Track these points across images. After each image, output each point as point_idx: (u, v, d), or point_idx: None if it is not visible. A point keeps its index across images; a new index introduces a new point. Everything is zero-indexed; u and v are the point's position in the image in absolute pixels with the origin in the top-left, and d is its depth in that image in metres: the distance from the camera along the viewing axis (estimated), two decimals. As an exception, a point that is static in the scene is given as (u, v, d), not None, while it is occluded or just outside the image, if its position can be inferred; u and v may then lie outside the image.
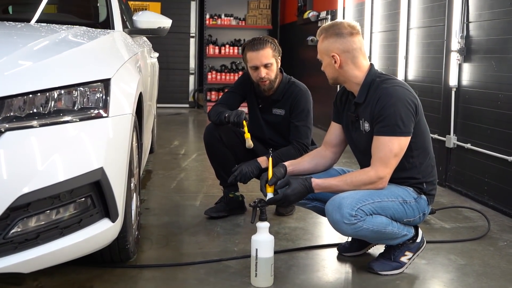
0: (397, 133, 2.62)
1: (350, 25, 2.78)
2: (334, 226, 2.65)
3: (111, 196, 2.32)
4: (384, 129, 2.64)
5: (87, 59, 2.53)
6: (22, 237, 2.12)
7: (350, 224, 2.58)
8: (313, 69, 8.42)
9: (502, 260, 3.05)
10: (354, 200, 2.60)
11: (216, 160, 3.63)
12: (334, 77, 2.82)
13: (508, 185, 3.88)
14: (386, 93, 2.66)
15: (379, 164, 2.64)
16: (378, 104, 2.66)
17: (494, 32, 4.02)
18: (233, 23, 10.27)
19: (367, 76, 2.77)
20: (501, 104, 3.93)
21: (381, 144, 2.64)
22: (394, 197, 2.69)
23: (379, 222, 2.65)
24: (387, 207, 2.66)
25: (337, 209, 2.59)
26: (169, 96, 10.08)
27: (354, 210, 2.58)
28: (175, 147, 6.43)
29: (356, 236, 2.75)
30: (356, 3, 6.76)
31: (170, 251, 3.06)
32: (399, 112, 2.62)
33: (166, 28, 3.72)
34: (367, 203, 2.61)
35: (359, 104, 2.78)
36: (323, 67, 2.83)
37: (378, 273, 2.79)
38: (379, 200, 2.65)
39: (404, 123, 2.63)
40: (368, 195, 2.64)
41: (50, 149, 2.16)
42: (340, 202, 2.59)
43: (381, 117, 2.64)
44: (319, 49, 2.82)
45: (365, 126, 2.76)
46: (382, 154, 2.64)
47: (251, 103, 3.72)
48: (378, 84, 2.72)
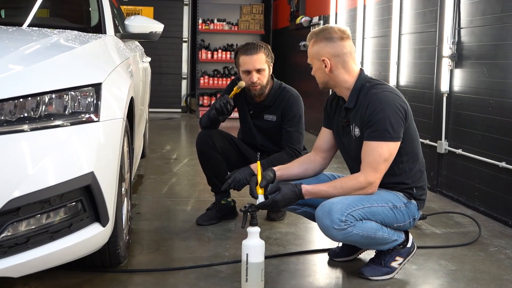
0: (387, 138, 2.63)
1: (340, 30, 2.79)
2: (324, 231, 2.64)
3: (102, 200, 2.31)
4: (373, 134, 2.64)
5: (78, 63, 2.53)
6: (12, 241, 2.11)
7: (340, 230, 2.58)
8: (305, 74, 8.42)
9: (493, 265, 3.05)
10: (344, 205, 2.60)
11: (209, 166, 3.62)
12: (324, 82, 2.83)
13: (499, 191, 3.90)
14: (375, 99, 2.67)
15: (369, 169, 2.65)
16: (368, 109, 2.67)
17: (486, 38, 4.04)
18: (226, 28, 10.28)
19: (357, 81, 2.77)
20: (492, 110, 3.95)
21: (370, 149, 2.65)
22: (384, 202, 2.70)
23: (369, 227, 2.65)
24: (377, 213, 2.67)
25: (327, 214, 2.59)
26: (161, 100, 10.07)
27: (344, 215, 2.58)
28: (167, 151, 6.42)
29: (346, 242, 2.76)
30: (349, 8, 6.78)
31: (161, 256, 3.05)
32: (389, 117, 2.63)
33: (158, 32, 3.72)
34: (357, 208, 2.61)
35: (350, 109, 2.78)
36: (314, 71, 2.84)
37: (369, 279, 2.79)
38: (369, 206, 2.65)
39: (393, 128, 2.63)
40: (358, 200, 2.64)
41: (40, 153, 2.15)
42: (330, 207, 2.59)
43: (370, 122, 2.65)
44: (309, 53, 2.83)
45: (355, 131, 2.77)
46: (371, 159, 2.64)
47: (242, 109, 3.71)
48: (368, 89, 2.73)
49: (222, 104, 3.39)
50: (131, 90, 2.87)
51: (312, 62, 2.83)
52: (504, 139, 3.83)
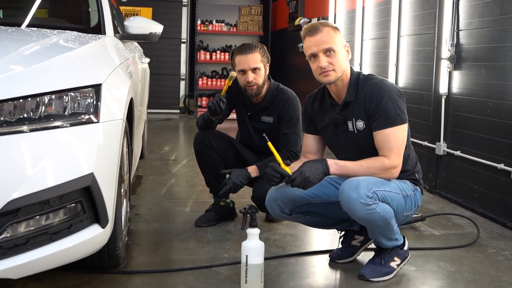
0: (399, 122, 2.68)
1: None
2: (349, 204, 2.60)
3: (101, 201, 2.31)
4: (387, 122, 2.68)
5: (78, 64, 2.53)
6: (11, 243, 2.11)
7: (365, 205, 2.58)
8: (304, 75, 8.44)
9: (491, 267, 3.06)
10: (370, 183, 2.61)
11: (207, 167, 3.61)
12: (343, 70, 2.76)
13: (497, 192, 3.90)
14: (378, 87, 2.71)
15: (391, 154, 2.68)
16: (374, 100, 2.70)
17: (484, 40, 4.05)
18: (225, 29, 10.28)
19: (352, 74, 2.81)
20: (490, 111, 3.95)
21: (387, 136, 2.68)
22: (399, 190, 2.73)
23: (388, 210, 2.66)
24: (393, 198, 2.69)
25: (355, 188, 2.58)
26: (159, 101, 10.07)
27: (371, 192, 2.59)
28: (166, 152, 6.41)
29: (364, 220, 2.67)
30: (347, 10, 6.79)
31: (160, 257, 3.05)
32: (396, 102, 2.69)
33: (158, 33, 3.72)
34: (381, 189, 2.64)
35: (348, 103, 2.78)
36: (337, 58, 2.73)
37: (370, 280, 2.79)
38: (389, 190, 2.68)
39: (402, 111, 2.70)
40: (381, 183, 2.66)
41: (40, 154, 2.15)
42: (358, 182, 2.59)
43: (381, 111, 2.68)
44: (334, 39, 2.72)
45: (357, 125, 2.77)
46: (392, 145, 2.67)
47: (240, 111, 3.71)
48: (364, 81, 2.77)
49: (215, 102, 3.39)
50: (130, 91, 2.87)
51: (338, 48, 2.74)
52: (502, 141, 3.84)
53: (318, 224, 3.03)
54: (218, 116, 3.48)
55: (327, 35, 2.72)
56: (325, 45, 2.72)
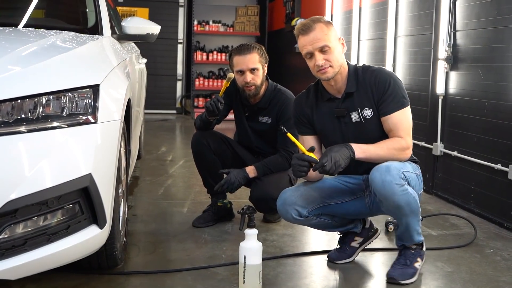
0: (405, 104, 2.76)
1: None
2: (385, 188, 2.59)
3: (99, 202, 2.31)
4: (397, 105, 2.73)
5: (76, 64, 2.52)
6: (9, 244, 2.10)
7: (400, 185, 2.60)
8: (301, 75, 8.45)
9: (489, 267, 3.06)
10: (397, 166, 2.64)
11: (204, 168, 3.61)
12: (340, 65, 2.76)
13: (494, 193, 3.91)
14: (382, 75, 2.77)
15: (405, 135, 2.73)
16: (381, 86, 2.74)
17: (481, 41, 4.06)
18: (221, 29, 10.28)
19: (349, 66, 2.84)
20: (487, 112, 3.96)
21: (398, 119, 2.73)
22: (413, 170, 2.76)
23: (414, 192, 2.69)
24: (413, 178, 2.74)
25: (387, 171, 2.60)
26: (156, 102, 10.06)
27: (401, 173, 2.63)
28: (162, 153, 6.41)
29: (400, 203, 2.64)
30: (344, 11, 6.79)
31: (158, 258, 3.04)
32: (400, 86, 2.76)
33: (155, 34, 3.71)
34: (406, 170, 2.68)
35: (350, 94, 2.79)
36: (334, 55, 2.73)
37: (400, 283, 2.78)
38: (410, 171, 2.72)
39: (406, 94, 2.78)
40: (403, 165, 2.69)
41: (38, 155, 2.15)
42: (387, 166, 2.62)
43: (391, 96, 2.73)
44: (328, 35, 2.71)
45: (364, 113, 2.78)
46: (403, 127, 2.73)
47: (238, 111, 3.71)
48: (364, 71, 2.81)
49: (213, 103, 3.38)
50: (128, 92, 2.87)
51: (333, 44, 2.72)
52: (499, 141, 3.84)
53: (326, 226, 3.01)
54: (216, 116, 3.48)
55: (320, 32, 2.70)
56: (319, 43, 2.70)
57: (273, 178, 3.47)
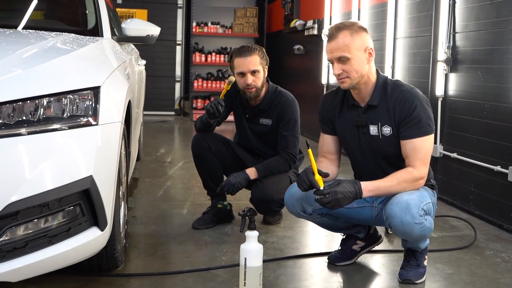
0: (429, 132, 2.68)
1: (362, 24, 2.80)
2: (404, 228, 2.61)
3: (100, 204, 2.31)
4: (418, 131, 2.66)
5: (77, 66, 2.52)
6: (10, 246, 2.10)
7: (419, 224, 2.60)
8: (299, 77, 8.46)
9: (489, 269, 3.07)
10: (417, 200, 2.62)
11: (204, 169, 3.61)
12: (362, 75, 2.70)
13: (494, 195, 3.92)
14: (410, 96, 2.68)
15: (420, 164, 2.67)
16: (405, 108, 2.67)
17: (481, 43, 4.06)
18: (220, 31, 10.28)
19: (379, 77, 2.76)
20: (487, 114, 3.97)
21: (417, 146, 2.67)
22: (430, 198, 2.74)
23: (430, 221, 2.70)
24: (431, 208, 2.72)
25: (406, 210, 2.58)
26: (154, 103, 10.04)
27: (420, 210, 2.61)
28: (161, 154, 6.41)
29: (417, 238, 2.70)
30: (343, 12, 6.79)
31: (158, 260, 3.04)
32: (427, 113, 2.68)
33: (155, 36, 3.71)
34: (425, 202, 2.66)
35: (372, 106, 2.74)
36: (351, 65, 2.67)
37: (415, 283, 2.80)
38: (428, 201, 2.69)
39: (432, 122, 2.70)
40: (422, 195, 2.67)
41: (39, 156, 2.14)
42: (407, 203, 2.59)
43: (414, 120, 2.66)
44: (349, 44, 2.66)
45: (384, 130, 2.73)
46: (421, 155, 2.66)
47: (238, 113, 3.70)
48: (394, 87, 2.73)
49: (213, 105, 3.38)
50: (128, 94, 2.87)
51: (353, 54, 2.66)
52: (499, 143, 3.85)
53: (329, 226, 3.02)
54: (216, 119, 3.48)
55: (341, 41, 2.66)
56: (338, 53, 2.67)
57: (273, 180, 3.47)
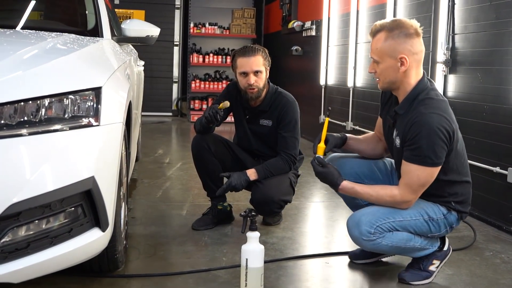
0: (428, 164, 2.56)
1: (414, 24, 2.62)
2: (353, 241, 2.74)
3: (102, 205, 2.30)
4: (415, 158, 2.57)
5: (78, 67, 2.52)
6: (12, 247, 2.09)
7: (368, 241, 2.64)
8: (297, 78, 8.46)
9: (489, 270, 3.07)
10: (374, 217, 2.63)
11: (204, 170, 3.60)
12: (391, 82, 2.66)
13: (493, 196, 3.92)
14: (420, 121, 2.55)
15: (407, 189, 2.62)
16: (412, 131, 2.57)
17: (480, 44, 4.07)
18: (217, 32, 10.27)
19: (416, 87, 2.64)
20: (486, 115, 3.97)
21: (410, 170, 2.60)
22: (419, 215, 2.68)
23: (399, 238, 2.67)
24: (408, 225, 2.68)
25: (356, 226, 2.65)
26: (152, 104, 10.02)
27: (373, 228, 2.63)
28: (160, 155, 6.40)
29: (375, 251, 2.80)
30: (341, 13, 6.80)
31: (158, 261, 3.04)
32: (432, 144, 2.53)
33: (155, 36, 3.71)
34: (387, 221, 2.64)
35: (398, 114, 2.71)
36: (380, 69, 2.65)
37: (410, 284, 2.80)
38: (401, 219, 2.67)
39: (436, 155, 2.55)
40: (390, 213, 2.66)
41: (41, 157, 2.14)
42: (360, 219, 2.64)
43: (413, 145, 2.57)
44: (379, 49, 2.62)
45: (396, 140, 2.72)
46: (410, 180, 2.60)
47: (238, 114, 3.70)
48: (419, 103, 2.60)
49: (212, 114, 3.38)
50: (129, 94, 2.86)
51: (382, 59, 2.62)
52: (498, 144, 3.86)
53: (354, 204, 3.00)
54: (215, 124, 3.48)
55: (375, 43, 2.66)
56: (371, 54, 2.69)
57: (274, 181, 3.47)
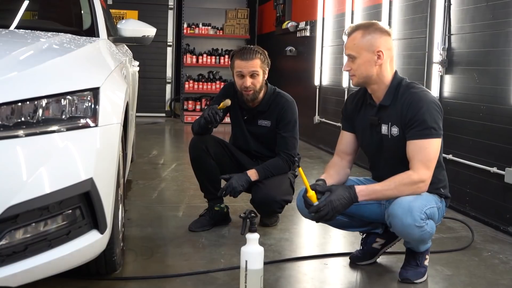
0: (434, 135, 2.66)
1: (385, 26, 2.80)
2: (404, 229, 2.63)
3: (100, 207, 2.27)
4: (421, 133, 2.65)
5: (75, 67, 2.48)
6: (9, 250, 2.05)
7: (419, 227, 2.61)
8: (291, 79, 8.44)
9: (488, 270, 3.07)
10: (420, 203, 2.63)
11: (202, 172, 3.57)
12: (367, 76, 2.76)
13: (490, 196, 3.92)
14: (418, 98, 2.68)
15: (421, 167, 2.65)
16: (411, 110, 2.67)
17: (476, 44, 4.07)
18: (211, 32, 10.25)
19: (394, 79, 2.79)
20: (483, 115, 3.97)
21: (419, 147, 2.66)
22: (434, 203, 2.73)
23: (432, 226, 2.71)
24: (435, 212, 2.72)
25: (408, 212, 2.59)
26: (145, 105, 9.97)
27: (422, 213, 2.61)
28: (154, 156, 6.36)
29: (417, 241, 2.74)
30: (336, 14, 6.79)
31: (155, 263, 3.01)
32: (433, 116, 2.66)
33: (151, 36, 3.69)
34: (428, 207, 2.66)
35: (384, 107, 2.78)
36: (357, 64, 2.74)
37: (414, 283, 2.80)
38: (432, 206, 2.70)
39: (438, 125, 2.68)
40: (426, 199, 2.67)
41: (39, 159, 2.10)
42: (410, 205, 2.60)
43: (417, 122, 2.66)
44: (357, 44, 2.72)
45: (392, 130, 2.76)
46: (422, 157, 2.65)
47: (235, 115, 3.67)
48: (406, 88, 2.75)
49: (211, 114, 3.36)
50: (126, 95, 2.83)
51: (359, 54, 2.72)
52: (495, 145, 3.85)
53: (344, 225, 3.03)
54: (214, 125, 3.46)
55: (351, 41, 2.75)
56: (347, 51, 2.77)
57: (274, 181, 3.45)
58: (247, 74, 3.43)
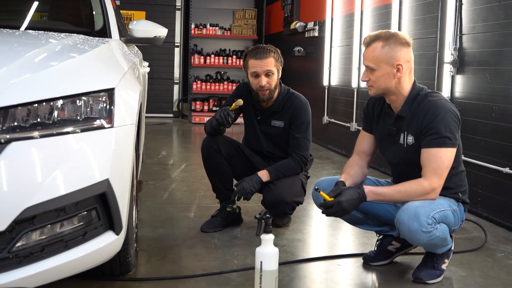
0: (448, 144, 2.65)
1: (406, 36, 2.76)
2: (410, 235, 2.64)
3: (116, 208, 2.26)
4: (435, 141, 2.65)
5: (90, 68, 2.48)
6: (27, 251, 2.05)
7: (427, 233, 2.61)
8: (299, 79, 8.43)
9: (502, 271, 3.05)
10: (428, 208, 2.62)
11: (214, 173, 3.56)
12: (386, 88, 2.75)
13: (502, 196, 3.90)
14: (434, 106, 2.68)
15: (433, 175, 2.65)
16: (427, 117, 2.67)
17: (488, 44, 4.05)
18: (219, 33, 10.25)
19: (413, 90, 2.77)
20: (495, 115, 3.95)
21: (432, 155, 2.65)
22: (448, 206, 2.73)
23: (444, 230, 2.69)
24: (447, 216, 2.71)
25: (414, 218, 2.59)
26: (153, 105, 9.96)
27: (429, 218, 2.60)
28: (163, 157, 6.37)
29: (426, 246, 2.75)
30: (345, 14, 6.78)
31: (169, 264, 3.00)
32: (449, 125, 2.65)
33: (162, 37, 3.68)
34: (437, 211, 2.65)
35: (402, 117, 2.78)
36: (376, 75, 2.73)
37: (426, 283, 2.80)
38: (444, 209, 2.69)
39: (453, 135, 2.66)
40: (435, 204, 2.66)
41: (55, 160, 2.09)
42: (416, 211, 2.59)
43: (432, 130, 2.65)
44: (376, 56, 2.70)
45: (408, 139, 2.76)
46: (435, 165, 2.64)
47: (249, 115, 3.66)
48: (423, 98, 2.74)
49: (223, 116, 3.34)
50: (140, 96, 2.83)
51: (378, 66, 2.71)
52: (507, 145, 3.83)
53: (358, 222, 3.04)
54: (226, 126, 3.44)
55: (371, 51, 2.73)
56: (366, 62, 2.76)
57: (286, 182, 3.44)
58: (262, 73, 3.42)
